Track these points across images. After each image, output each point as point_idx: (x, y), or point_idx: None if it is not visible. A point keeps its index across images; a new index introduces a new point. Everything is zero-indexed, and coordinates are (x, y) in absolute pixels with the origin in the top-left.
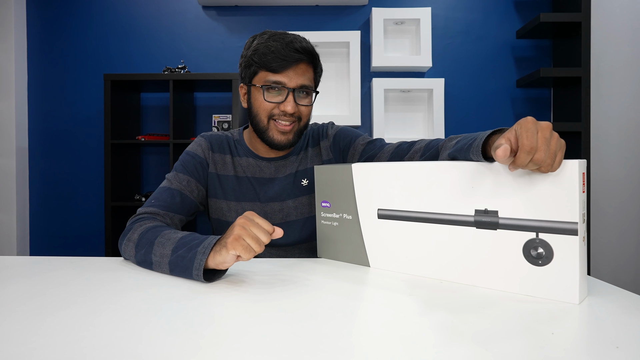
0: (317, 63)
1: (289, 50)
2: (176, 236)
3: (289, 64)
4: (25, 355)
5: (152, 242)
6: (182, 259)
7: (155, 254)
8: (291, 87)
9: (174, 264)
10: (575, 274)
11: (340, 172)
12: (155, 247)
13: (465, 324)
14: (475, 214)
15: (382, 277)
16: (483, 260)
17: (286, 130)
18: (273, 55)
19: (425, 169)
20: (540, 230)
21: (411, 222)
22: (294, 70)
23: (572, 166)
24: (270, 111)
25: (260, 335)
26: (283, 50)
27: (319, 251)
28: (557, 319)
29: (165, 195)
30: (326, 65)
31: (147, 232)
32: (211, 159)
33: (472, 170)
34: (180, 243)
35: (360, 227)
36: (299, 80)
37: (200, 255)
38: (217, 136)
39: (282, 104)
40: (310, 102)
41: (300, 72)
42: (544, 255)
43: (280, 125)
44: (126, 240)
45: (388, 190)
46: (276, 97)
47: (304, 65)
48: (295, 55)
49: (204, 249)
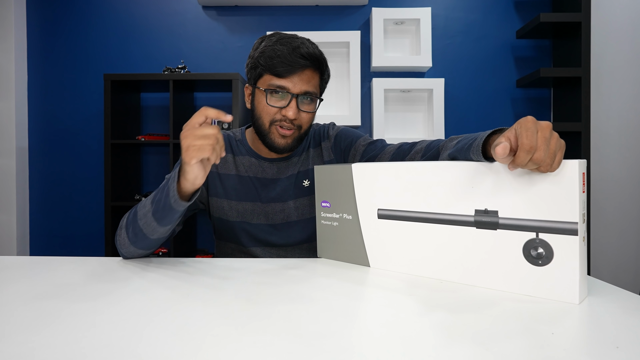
0: (324, 70)
1: (295, 55)
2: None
3: (294, 70)
4: (25, 355)
5: (135, 213)
6: (159, 201)
7: (141, 218)
8: (295, 93)
9: (155, 211)
10: (575, 274)
11: (341, 172)
12: (138, 214)
13: (465, 324)
14: (475, 214)
15: (382, 277)
16: (483, 260)
17: (286, 134)
18: (279, 59)
19: (426, 169)
20: (540, 230)
21: (411, 222)
22: (299, 76)
23: (572, 166)
24: (272, 116)
25: (261, 335)
26: (289, 56)
27: (319, 251)
28: (557, 319)
29: None
30: None
31: (131, 212)
32: None
33: (472, 170)
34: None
35: (360, 227)
36: (303, 86)
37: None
38: None
39: (284, 109)
40: (314, 109)
41: (306, 78)
42: (544, 255)
43: (281, 130)
44: (117, 231)
45: (388, 190)
46: (279, 101)
47: (309, 72)
48: (301, 61)
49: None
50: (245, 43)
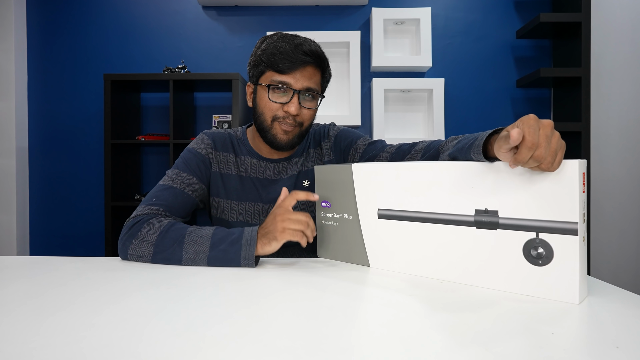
0: (326, 68)
1: (297, 52)
2: (207, 233)
3: (296, 66)
4: (25, 355)
5: (181, 240)
6: (226, 252)
7: (188, 252)
8: (297, 89)
9: (215, 258)
10: (575, 274)
11: (341, 172)
12: (186, 245)
13: (465, 324)
14: (476, 214)
15: (382, 277)
16: (483, 260)
17: (288, 130)
18: (281, 56)
19: (426, 169)
20: (540, 230)
21: (411, 222)
22: (300, 72)
23: (572, 166)
24: (274, 112)
25: (260, 335)
26: (291, 52)
27: (319, 251)
28: (557, 318)
29: (167, 194)
30: None
31: (168, 231)
32: (214, 158)
33: (472, 170)
34: (216, 239)
35: (360, 227)
36: (305, 82)
37: (246, 247)
38: (220, 134)
39: (286, 105)
40: (315, 105)
41: (307, 74)
42: (544, 255)
43: (282, 126)
44: (137, 241)
45: (388, 190)
46: (281, 97)
47: (311, 69)
48: (303, 57)
49: (247, 242)
50: (245, 43)
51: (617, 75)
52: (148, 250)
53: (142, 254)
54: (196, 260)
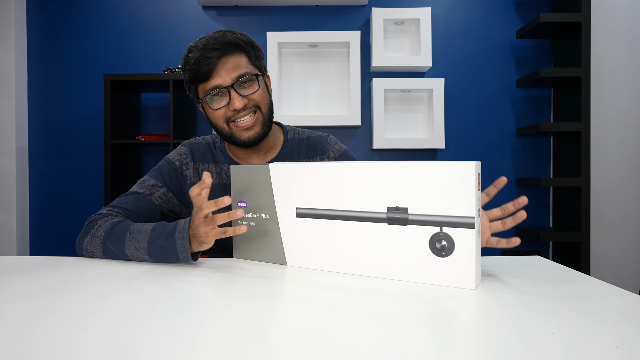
0: (245, 47)
1: (206, 53)
2: (147, 228)
3: (212, 66)
4: (25, 355)
5: (123, 237)
6: (163, 248)
7: (129, 247)
8: (228, 85)
9: (154, 254)
10: (472, 262)
11: (258, 172)
12: (127, 241)
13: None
14: (388, 211)
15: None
16: (394, 254)
17: (249, 125)
18: (196, 66)
19: (342, 169)
20: (443, 224)
21: (328, 219)
22: (222, 68)
23: (469, 167)
24: (224, 116)
25: (259, 334)
26: (202, 57)
27: (235, 252)
28: (557, 318)
29: (129, 199)
30: (326, 65)
31: (114, 227)
32: (193, 169)
33: (385, 170)
34: (154, 235)
35: (278, 226)
36: (231, 74)
37: (180, 240)
38: (200, 145)
39: (229, 105)
40: (257, 87)
41: (230, 66)
42: (447, 247)
43: (241, 124)
44: (89, 238)
45: (307, 189)
46: (221, 101)
47: (229, 58)
48: (213, 55)
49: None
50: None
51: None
52: (98, 246)
53: (93, 250)
54: (138, 255)
